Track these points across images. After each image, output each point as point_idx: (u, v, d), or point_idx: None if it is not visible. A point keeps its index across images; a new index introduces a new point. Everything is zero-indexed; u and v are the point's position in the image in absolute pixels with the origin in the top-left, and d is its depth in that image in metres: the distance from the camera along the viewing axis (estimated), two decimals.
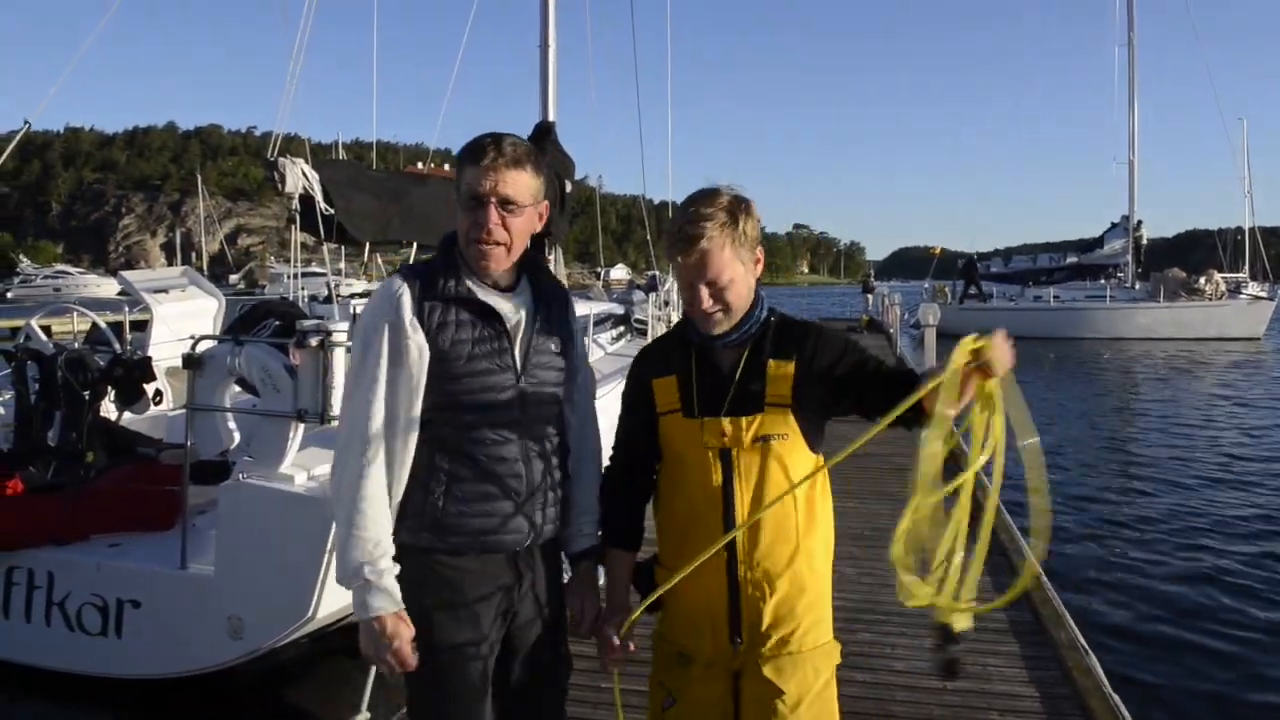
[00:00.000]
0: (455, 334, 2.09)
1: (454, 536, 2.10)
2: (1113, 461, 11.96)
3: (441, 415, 2.10)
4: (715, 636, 2.13)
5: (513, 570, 2.17)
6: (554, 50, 9.67)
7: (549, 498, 2.20)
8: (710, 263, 2.05)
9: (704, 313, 2.10)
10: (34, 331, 6.18)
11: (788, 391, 2.10)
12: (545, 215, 2.24)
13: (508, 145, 2.08)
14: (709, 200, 2.07)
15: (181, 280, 7.39)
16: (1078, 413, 16.42)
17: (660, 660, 2.25)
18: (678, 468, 2.17)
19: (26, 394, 5.32)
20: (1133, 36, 35.07)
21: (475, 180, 2.07)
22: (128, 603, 4.53)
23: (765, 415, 2.09)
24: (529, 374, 2.16)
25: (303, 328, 4.22)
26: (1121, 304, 33.67)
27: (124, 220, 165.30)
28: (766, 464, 2.08)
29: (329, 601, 4.28)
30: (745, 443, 2.08)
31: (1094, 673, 4.16)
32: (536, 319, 2.21)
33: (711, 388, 2.13)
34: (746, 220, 2.09)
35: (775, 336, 2.16)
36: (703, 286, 2.07)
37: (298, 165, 5.89)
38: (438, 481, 2.10)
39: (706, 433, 2.10)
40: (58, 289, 62.36)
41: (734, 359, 2.15)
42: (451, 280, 2.12)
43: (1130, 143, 35.37)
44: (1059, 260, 38.87)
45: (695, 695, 2.16)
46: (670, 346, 2.25)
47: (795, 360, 2.11)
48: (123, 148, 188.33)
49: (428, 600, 2.10)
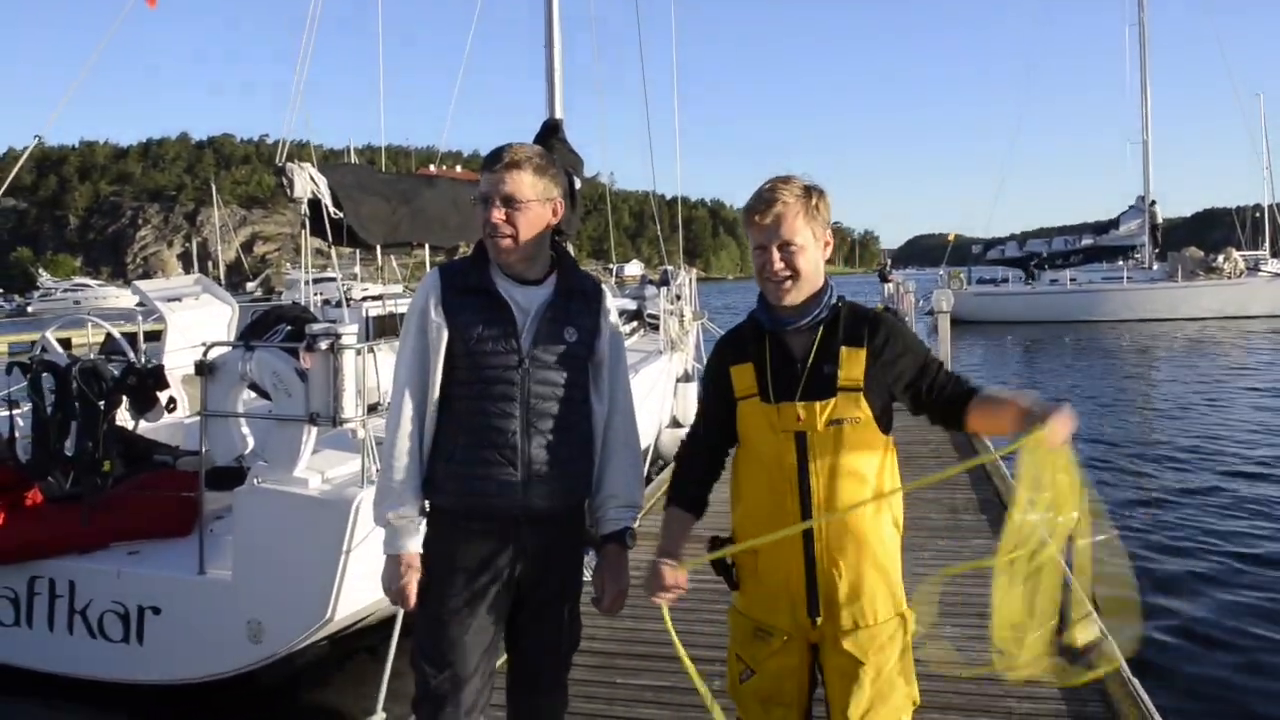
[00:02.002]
0: (469, 318, 2.37)
1: (448, 496, 2.40)
2: (1137, 453, 11.81)
3: (455, 389, 2.39)
4: (794, 612, 2.22)
5: (509, 536, 2.38)
6: (559, 48, 9.68)
7: (547, 473, 2.38)
8: (784, 224, 2.19)
9: (775, 274, 2.21)
10: (49, 343, 6.24)
11: (860, 376, 2.19)
12: (559, 211, 2.47)
13: (509, 151, 2.40)
14: (786, 179, 2.24)
15: (195, 288, 7.44)
16: (1098, 397, 16.30)
17: (738, 635, 2.34)
18: (754, 450, 2.27)
19: (43, 405, 5.36)
20: (1143, 16, 34.85)
21: (484, 183, 2.41)
22: (148, 609, 4.58)
23: (838, 399, 2.18)
24: (534, 359, 2.37)
25: (312, 332, 4.24)
26: (1139, 285, 33.43)
27: (141, 231, 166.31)
28: (840, 446, 2.17)
29: (346, 603, 4.30)
30: (819, 426, 2.17)
31: (1114, 658, 4.12)
32: (553, 310, 2.42)
33: (785, 373, 2.23)
34: (820, 200, 2.24)
35: (846, 322, 2.25)
36: (775, 249, 2.20)
37: (305, 170, 5.89)
38: (445, 446, 2.40)
39: (782, 417, 2.20)
40: (77, 301, 63.02)
41: (806, 344, 2.25)
42: (475, 273, 2.43)
43: (1144, 122, 35.15)
44: (1074, 243, 38.58)
45: (773, 667, 2.26)
46: (746, 335, 2.35)
47: (866, 348, 2.22)
48: (137, 159, 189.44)
49: (429, 550, 2.43)
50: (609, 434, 2.54)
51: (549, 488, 2.39)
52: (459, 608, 2.38)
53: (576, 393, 2.45)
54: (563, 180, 2.53)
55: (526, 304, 2.42)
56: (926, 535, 6.01)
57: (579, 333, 2.44)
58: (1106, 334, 28.20)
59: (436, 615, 2.40)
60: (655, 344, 10.53)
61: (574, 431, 2.45)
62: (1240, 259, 33.81)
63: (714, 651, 4.34)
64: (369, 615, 4.71)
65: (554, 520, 2.43)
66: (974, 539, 6.05)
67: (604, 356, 2.53)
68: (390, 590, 2.44)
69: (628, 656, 4.32)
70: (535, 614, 2.47)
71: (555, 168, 2.49)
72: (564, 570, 2.50)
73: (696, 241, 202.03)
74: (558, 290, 2.46)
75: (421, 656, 2.44)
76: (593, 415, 2.51)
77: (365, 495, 4.21)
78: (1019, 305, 34.09)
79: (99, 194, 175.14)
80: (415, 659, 2.46)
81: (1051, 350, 24.73)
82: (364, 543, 4.19)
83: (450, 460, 2.38)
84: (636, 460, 2.62)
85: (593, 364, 2.50)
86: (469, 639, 2.38)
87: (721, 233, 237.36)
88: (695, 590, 5.16)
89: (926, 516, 6.42)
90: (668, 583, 2.27)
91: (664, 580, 2.27)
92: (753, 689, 2.29)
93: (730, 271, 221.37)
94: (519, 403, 2.36)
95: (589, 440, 2.50)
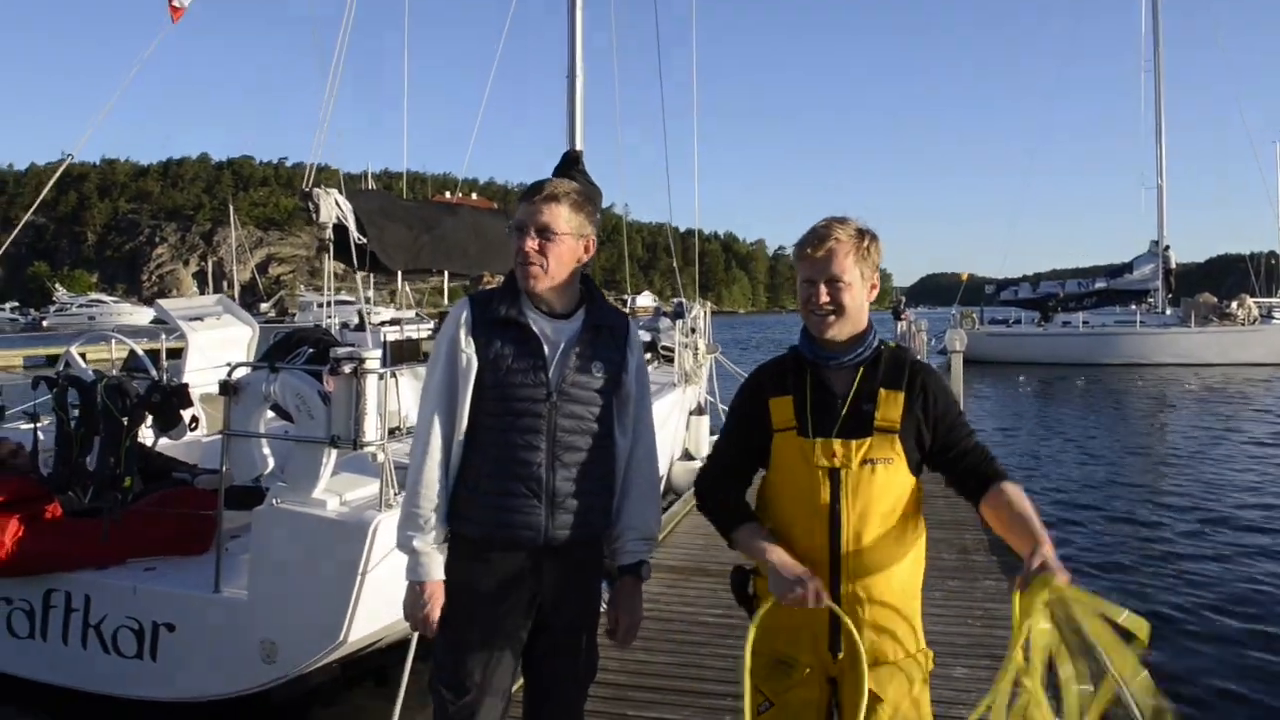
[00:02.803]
0: (499, 350, 2.40)
1: (471, 525, 2.42)
2: (1145, 489, 11.79)
3: (481, 419, 2.42)
4: (816, 645, 2.25)
5: (530, 566, 2.41)
6: (581, 80, 9.81)
7: (570, 505, 2.42)
8: (834, 260, 2.23)
9: (819, 308, 2.26)
10: (73, 359, 6.31)
11: (896, 418, 2.24)
12: (591, 249, 2.52)
13: (549, 185, 2.46)
14: (843, 220, 2.30)
15: (216, 308, 7.53)
16: (1109, 439, 16.26)
17: (758, 666, 2.33)
18: (787, 483, 2.29)
19: (67, 420, 5.42)
20: (1159, 60, 35.00)
21: (520, 212, 2.46)
22: (163, 626, 4.60)
23: (874, 439, 2.22)
24: (562, 393, 2.40)
25: (337, 355, 4.29)
26: (1152, 329, 33.36)
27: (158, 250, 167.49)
28: (872, 485, 2.21)
29: (360, 625, 4.32)
30: (854, 464, 2.21)
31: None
32: (581, 344, 2.45)
33: (824, 408, 2.27)
34: (872, 244, 2.29)
35: (887, 365, 2.30)
36: (822, 284, 2.25)
37: (331, 195, 5.99)
38: (470, 475, 2.43)
39: (819, 452, 2.23)
40: (92, 317, 63.44)
41: (847, 381, 2.29)
42: (504, 305, 2.45)
43: (1159, 166, 35.19)
44: (1088, 285, 38.59)
45: (793, 700, 2.27)
46: (786, 367, 2.38)
47: (904, 391, 2.27)
48: (157, 179, 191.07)
49: (450, 577, 2.45)
50: (631, 467, 2.57)
51: (571, 520, 2.42)
52: (478, 635, 2.41)
53: (602, 427, 2.48)
54: (598, 220, 2.59)
55: (555, 337, 2.45)
56: (937, 575, 6.00)
57: (606, 367, 2.48)
58: (1118, 378, 28.12)
59: (456, 641, 2.43)
60: (669, 376, 10.57)
61: (598, 465, 2.48)
62: (1254, 305, 33.72)
63: (724, 686, 4.36)
64: (382, 639, 4.72)
65: (574, 551, 2.46)
66: (985, 580, 6.05)
67: (630, 392, 2.56)
68: (412, 617, 2.46)
69: (639, 689, 4.32)
70: (553, 643, 2.50)
71: (593, 206, 2.54)
72: (582, 600, 2.53)
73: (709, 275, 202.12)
74: (586, 324, 2.49)
75: (440, 681, 2.46)
76: (616, 449, 2.54)
77: (383, 519, 4.24)
78: (1031, 346, 34.06)
79: (117, 211, 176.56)
80: (433, 683, 2.49)
81: (1062, 392, 24.67)
82: (380, 566, 4.21)
83: (474, 490, 2.41)
84: (656, 494, 2.66)
85: (618, 398, 2.53)
86: (487, 666, 2.41)
87: (734, 267, 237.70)
88: (705, 624, 5.22)
89: (938, 556, 6.41)
90: (810, 583, 2.12)
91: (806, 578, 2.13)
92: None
93: (742, 305, 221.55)
94: (545, 435, 2.39)
95: (611, 474, 2.54)
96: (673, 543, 7.03)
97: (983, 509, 2.26)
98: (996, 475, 2.27)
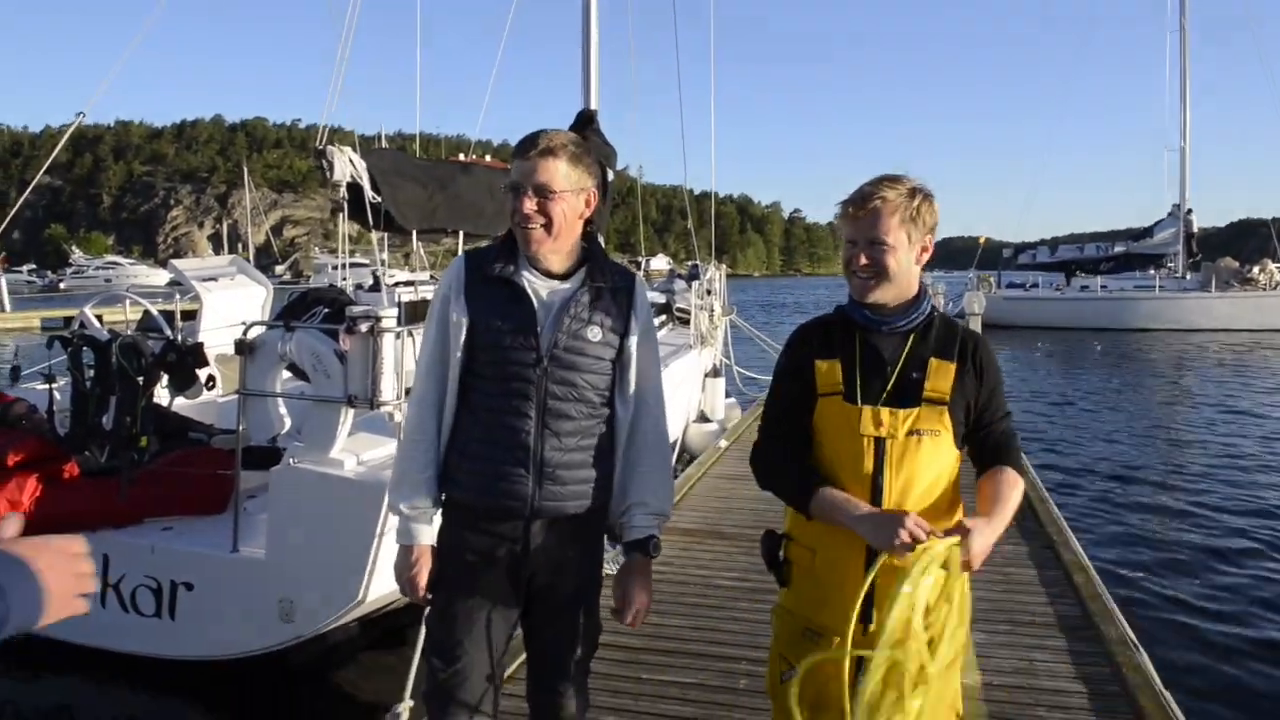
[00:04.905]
0: (488, 310, 2.29)
1: (461, 490, 2.35)
2: (1161, 456, 11.73)
3: (473, 382, 2.33)
4: (847, 615, 2.15)
5: (519, 535, 2.33)
6: (595, 39, 9.66)
7: (560, 475, 2.31)
8: (878, 222, 2.12)
9: (860, 269, 2.16)
10: (88, 319, 6.31)
11: (946, 389, 2.17)
12: (592, 202, 2.36)
13: (543, 138, 2.29)
14: (894, 178, 2.17)
15: (230, 269, 7.51)
16: (1125, 404, 16.16)
17: (783, 634, 2.29)
18: (830, 451, 2.20)
19: (82, 379, 5.42)
20: (1185, 22, 34.38)
21: (515, 170, 2.29)
22: (181, 585, 4.62)
23: (922, 409, 2.15)
24: (554, 358, 2.28)
25: (352, 314, 4.25)
26: (1171, 294, 33.04)
27: (172, 212, 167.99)
28: (918, 457, 2.14)
29: (378, 585, 4.32)
30: (900, 434, 2.14)
31: (1144, 669, 4.05)
32: (577, 306, 2.31)
33: (873, 375, 2.18)
34: (924, 204, 2.16)
35: (939, 333, 2.23)
36: (863, 246, 2.15)
37: (345, 154, 5.93)
38: (460, 439, 2.35)
39: (864, 420, 2.15)
40: (108, 279, 63.75)
41: (897, 347, 2.21)
42: (499, 263, 2.32)
43: (1183, 130, 34.72)
44: (1107, 249, 38.19)
45: (817, 670, 2.20)
46: (834, 328, 2.28)
47: (956, 362, 2.19)
48: (171, 141, 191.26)
49: (441, 543, 2.41)
50: (636, 437, 2.42)
51: (561, 490, 2.32)
52: (466, 603, 2.34)
53: (597, 395, 2.36)
54: (597, 170, 2.41)
55: (550, 299, 2.31)
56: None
57: (604, 331, 2.33)
58: (1136, 342, 27.91)
59: (444, 609, 2.37)
60: (684, 338, 10.52)
61: (593, 435, 2.37)
62: (1276, 270, 33.33)
63: (739, 650, 4.35)
64: (399, 599, 4.73)
65: (566, 522, 2.36)
66: (1005, 544, 6.00)
67: (631, 356, 2.39)
68: (401, 580, 2.41)
69: (653, 652, 4.31)
70: (550, 614, 2.42)
71: (590, 156, 2.38)
72: (579, 571, 2.42)
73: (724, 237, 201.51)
74: (584, 285, 2.34)
75: (430, 650, 2.42)
76: (614, 419, 2.41)
77: None
78: (1049, 311, 33.79)
79: (132, 173, 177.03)
80: (425, 651, 2.44)
81: (1079, 358, 24.50)
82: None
83: (464, 454, 2.33)
84: (666, 466, 2.51)
85: (618, 364, 2.38)
86: (475, 635, 2.35)
87: (749, 229, 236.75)
88: (720, 587, 5.21)
89: None
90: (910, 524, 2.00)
91: (906, 524, 2.00)
92: (794, 689, 2.22)
93: (757, 268, 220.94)
94: (534, 403, 2.28)
95: (609, 444, 2.41)
96: (687, 505, 7.00)
97: (978, 483, 2.25)
98: (1007, 460, 2.24)
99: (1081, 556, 5.64)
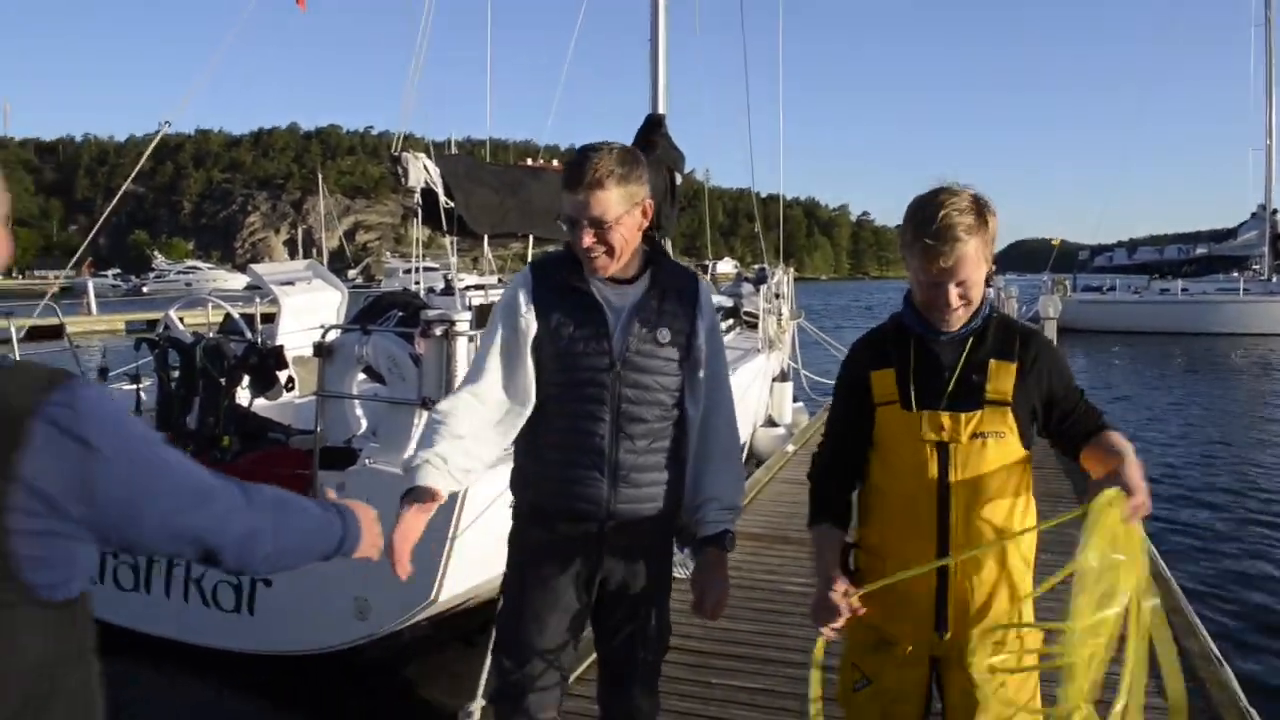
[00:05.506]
0: (560, 319, 2.31)
1: (534, 494, 2.39)
2: (1246, 466, 11.33)
3: (546, 390, 2.34)
4: (919, 623, 2.15)
5: (593, 538, 2.34)
6: (664, 43, 9.67)
7: (635, 479, 2.33)
8: (965, 266, 2.06)
9: (948, 308, 2.12)
10: (173, 321, 6.51)
11: (1009, 390, 2.13)
12: (649, 210, 2.36)
13: (590, 168, 2.24)
14: (957, 201, 2.07)
15: (306, 274, 7.67)
16: (1207, 413, 15.65)
17: (856, 643, 2.26)
18: (893, 458, 2.19)
19: (168, 380, 5.59)
20: (1270, 15, 33.27)
21: (569, 205, 2.28)
22: (260, 582, 4.73)
23: (984, 412, 2.12)
24: (626, 362, 2.30)
25: (427, 318, 4.32)
26: (1256, 297, 31.89)
27: (249, 218, 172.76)
28: (984, 459, 2.11)
29: (450, 585, 4.38)
30: (963, 438, 2.11)
31: (1229, 686, 3.92)
32: (646, 310, 2.33)
33: (930, 381, 2.15)
34: (992, 220, 2.11)
35: (996, 334, 2.18)
36: (953, 286, 2.09)
37: (419, 160, 6.03)
38: (532, 447, 2.38)
39: (925, 426, 2.12)
40: (189, 283, 65.61)
41: (955, 352, 2.17)
42: (565, 271, 2.35)
43: (1268, 127, 33.56)
44: (1188, 252, 37.03)
45: (892, 679, 2.20)
46: (887, 338, 2.26)
47: (1016, 362, 2.15)
48: (249, 148, 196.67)
49: (515, 553, 2.45)
50: (708, 436, 2.44)
51: (636, 493, 2.34)
52: (538, 604, 2.37)
53: (669, 397, 2.37)
54: (649, 175, 2.40)
55: (619, 303, 2.34)
56: None
57: (673, 334, 2.35)
58: (1219, 348, 26.99)
59: (515, 610, 2.40)
60: (752, 342, 10.47)
61: (665, 437, 2.39)
62: None
63: (806, 655, 4.29)
64: (470, 599, 4.79)
65: (640, 525, 2.37)
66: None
67: (700, 358, 2.41)
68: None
69: (722, 657, 4.29)
70: (622, 616, 2.43)
71: (640, 166, 2.34)
72: (650, 573, 2.44)
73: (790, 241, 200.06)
74: (651, 289, 2.36)
75: (499, 649, 2.44)
76: (686, 420, 2.42)
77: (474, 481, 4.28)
78: (1127, 314, 32.84)
79: (211, 181, 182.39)
80: (494, 650, 2.46)
81: (1158, 365, 23.80)
82: (471, 527, 4.26)
83: (539, 460, 2.36)
84: (738, 463, 2.55)
85: (688, 365, 2.39)
86: (546, 636, 2.37)
87: (816, 233, 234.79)
88: (788, 592, 5.17)
89: None
90: (841, 610, 2.08)
91: (837, 608, 2.08)
92: (868, 699, 2.22)
93: (824, 271, 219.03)
94: (609, 407, 2.30)
95: (682, 446, 2.42)
96: (755, 510, 6.96)
97: (1082, 457, 2.16)
98: (1102, 428, 2.17)
99: (1162, 568, 5.48)
